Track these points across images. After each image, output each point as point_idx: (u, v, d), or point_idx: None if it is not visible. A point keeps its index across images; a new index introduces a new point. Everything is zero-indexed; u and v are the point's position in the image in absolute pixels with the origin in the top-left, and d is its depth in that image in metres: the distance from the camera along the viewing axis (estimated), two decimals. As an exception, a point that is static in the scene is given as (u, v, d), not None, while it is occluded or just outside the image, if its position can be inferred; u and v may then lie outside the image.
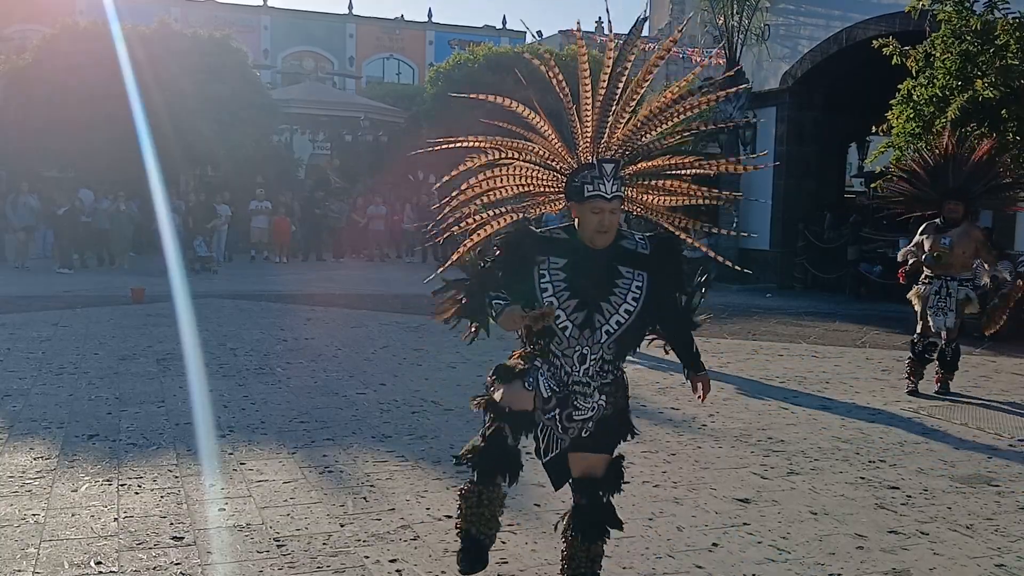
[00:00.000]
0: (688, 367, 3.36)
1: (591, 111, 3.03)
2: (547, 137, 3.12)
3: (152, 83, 18.70)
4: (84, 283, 15.11)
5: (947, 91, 10.21)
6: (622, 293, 3.06)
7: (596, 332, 3.04)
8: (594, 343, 3.04)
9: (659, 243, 3.19)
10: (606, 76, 3.02)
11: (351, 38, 39.75)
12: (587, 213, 3.01)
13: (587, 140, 3.06)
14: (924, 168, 7.86)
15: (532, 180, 3.20)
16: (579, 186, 3.02)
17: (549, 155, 3.13)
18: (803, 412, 6.95)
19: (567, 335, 3.04)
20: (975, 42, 10.14)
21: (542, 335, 3.07)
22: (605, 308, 3.04)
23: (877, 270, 15.53)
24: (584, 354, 3.06)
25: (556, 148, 3.11)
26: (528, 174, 3.19)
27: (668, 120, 3.09)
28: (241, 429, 5.99)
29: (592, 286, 3.04)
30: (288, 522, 4.28)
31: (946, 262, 7.56)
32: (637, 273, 3.09)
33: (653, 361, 9.06)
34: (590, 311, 3.03)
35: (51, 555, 3.83)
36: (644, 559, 3.95)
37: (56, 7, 28.47)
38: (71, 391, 7.01)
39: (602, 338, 3.04)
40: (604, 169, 3.00)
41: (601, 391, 3.14)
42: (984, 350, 10.13)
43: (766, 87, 17.81)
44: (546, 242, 3.10)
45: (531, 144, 3.15)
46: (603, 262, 3.06)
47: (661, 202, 3.27)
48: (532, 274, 3.04)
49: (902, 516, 4.59)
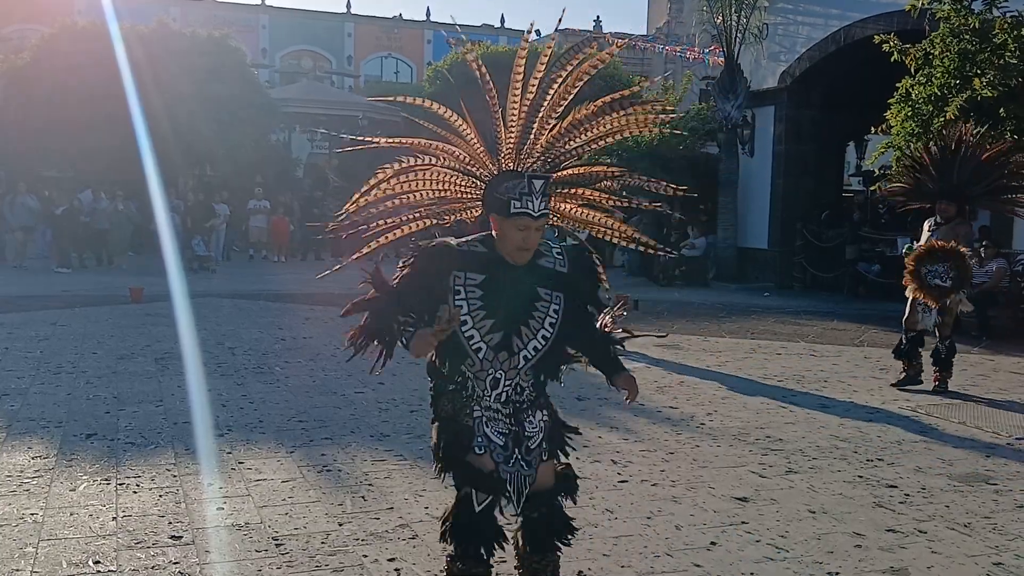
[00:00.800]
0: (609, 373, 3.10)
1: (517, 116, 2.86)
2: (468, 140, 2.92)
3: (151, 83, 18.70)
4: (83, 283, 15.11)
5: (945, 90, 10.22)
6: (540, 317, 2.88)
7: (514, 357, 2.86)
8: (510, 368, 2.86)
9: (576, 259, 3.00)
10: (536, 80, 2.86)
11: (349, 37, 39.74)
12: (511, 229, 2.80)
13: (511, 146, 2.90)
14: (932, 160, 7.87)
15: (450, 185, 2.99)
16: (504, 200, 2.79)
17: (469, 159, 2.94)
18: (801, 411, 6.95)
19: (480, 357, 2.83)
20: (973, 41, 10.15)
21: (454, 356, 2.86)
22: (524, 332, 2.86)
23: (875, 269, 15.55)
24: (497, 379, 2.87)
25: (477, 152, 2.92)
26: (446, 179, 2.98)
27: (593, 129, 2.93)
28: (239, 428, 5.98)
29: (510, 307, 2.85)
30: (286, 521, 4.28)
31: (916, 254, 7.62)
32: (555, 295, 2.91)
33: (652, 360, 9.07)
34: (507, 333, 2.84)
35: (49, 554, 3.83)
36: (642, 557, 3.95)
37: (55, 7, 28.42)
38: (69, 390, 7.01)
39: (520, 363, 2.87)
40: (534, 185, 2.79)
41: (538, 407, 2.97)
42: (982, 348, 10.14)
43: (764, 86, 17.83)
44: (463, 255, 2.86)
45: (451, 147, 2.95)
46: (522, 282, 2.87)
47: (580, 212, 3.10)
48: (446, 289, 2.82)
49: (900, 515, 4.59)
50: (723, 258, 17.84)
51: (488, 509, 2.95)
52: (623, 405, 3.29)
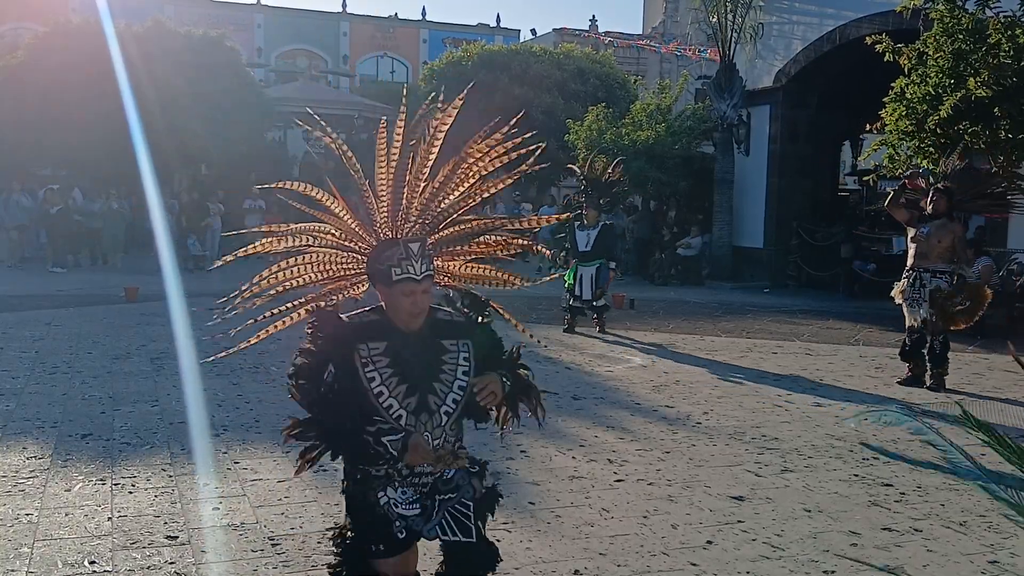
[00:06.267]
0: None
1: (386, 184, 2.79)
2: (340, 216, 2.84)
3: (145, 82, 18.63)
4: (77, 282, 15.07)
5: (940, 89, 10.23)
6: (451, 369, 2.80)
7: (434, 415, 2.75)
8: (434, 427, 2.74)
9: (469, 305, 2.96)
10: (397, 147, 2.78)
11: (345, 36, 39.68)
12: (398, 297, 2.74)
13: (384, 215, 2.81)
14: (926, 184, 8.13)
15: (332, 264, 2.90)
16: (385, 269, 2.74)
17: (345, 235, 2.86)
18: (797, 410, 6.96)
19: (402, 423, 2.71)
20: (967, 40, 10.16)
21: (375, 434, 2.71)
22: (438, 388, 2.77)
23: (871, 268, 15.58)
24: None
25: (351, 227, 2.84)
26: (326, 258, 2.89)
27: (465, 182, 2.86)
28: (235, 428, 5.98)
29: (419, 367, 2.76)
30: (282, 521, 4.28)
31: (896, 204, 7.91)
32: (461, 343, 2.84)
33: (647, 360, 9.08)
34: (422, 394, 2.75)
35: (45, 555, 3.82)
36: (639, 556, 3.95)
37: (49, 5, 28.32)
38: (64, 390, 6.99)
39: (442, 420, 2.75)
40: (411, 249, 2.75)
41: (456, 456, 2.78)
42: (977, 347, 10.16)
43: (760, 85, 17.84)
44: (360, 328, 2.79)
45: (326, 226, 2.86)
46: (424, 339, 2.80)
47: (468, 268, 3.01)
48: (355, 366, 2.72)
49: (896, 513, 4.60)
50: (718, 257, 17.86)
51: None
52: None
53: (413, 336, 2.78)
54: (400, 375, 2.75)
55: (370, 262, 2.84)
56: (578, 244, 10.69)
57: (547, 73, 23.12)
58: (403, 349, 2.77)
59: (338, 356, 2.75)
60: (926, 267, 7.75)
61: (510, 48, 26.87)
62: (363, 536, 2.80)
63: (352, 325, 2.80)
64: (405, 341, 2.78)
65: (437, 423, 2.75)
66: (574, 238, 10.76)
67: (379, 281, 2.80)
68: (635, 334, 10.71)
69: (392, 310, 2.79)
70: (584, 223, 10.75)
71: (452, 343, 2.84)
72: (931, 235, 7.73)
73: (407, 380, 2.75)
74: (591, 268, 10.62)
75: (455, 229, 2.93)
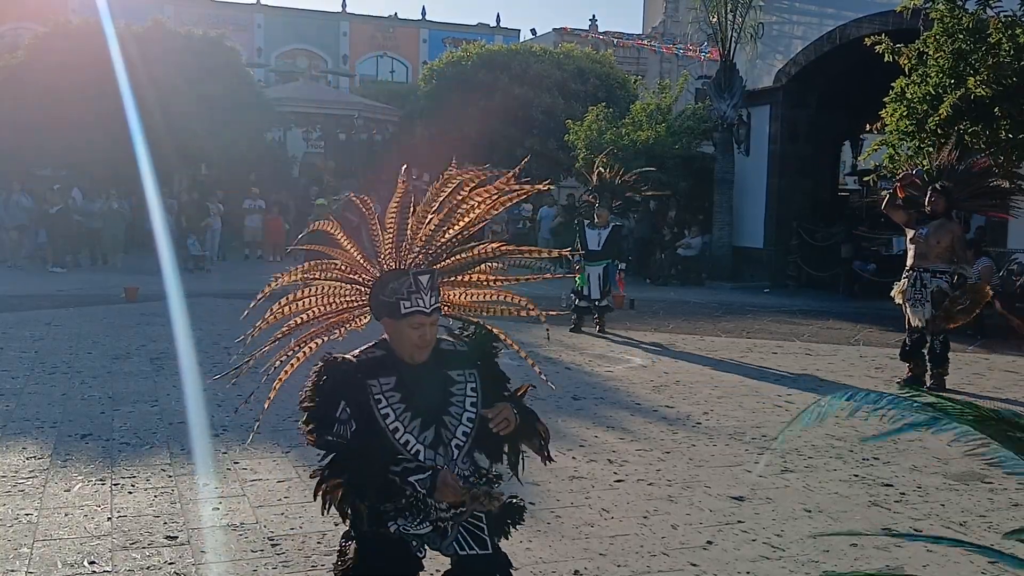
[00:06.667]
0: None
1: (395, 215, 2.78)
2: (345, 248, 2.83)
3: (145, 82, 18.63)
4: (77, 282, 15.07)
5: (940, 89, 10.24)
6: (459, 401, 2.76)
7: (447, 448, 2.70)
8: (448, 461, 2.69)
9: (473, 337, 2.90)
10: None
11: (344, 36, 39.69)
12: (406, 329, 2.69)
13: (389, 247, 2.78)
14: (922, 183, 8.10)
15: (335, 297, 2.87)
16: (393, 302, 2.69)
17: (349, 268, 2.84)
18: (797, 410, 6.94)
19: (421, 459, 2.65)
20: (968, 40, 10.16)
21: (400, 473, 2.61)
22: (448, 421, 2.73)
23: (871, 268, 15.58)
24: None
25: (356, 259, 2.83)
26: (330, 291, 2.87)
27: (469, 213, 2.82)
28: (235, 428, 5.97)
29: (429, 399, 2.72)
30: (282, 521, 4.28)
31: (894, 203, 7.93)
32: (468, 373, 2.80)
33: (648, 360, 9.08)
34: (437, 427, 2.70)
35: (44, 555, 3.82)
36: (639, 557, 3.95)
37: (49, 6, 28.32)
38: (64, 390, 6.99)
39: (453, 454, 2.70)
40: (420, 282, 2.69)
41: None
42: (977, 347, 10.16)
43: (760, 85, 17.84)
44: (367, 364, 2.74)
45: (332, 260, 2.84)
46: (431, 371, 2.75)
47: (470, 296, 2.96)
48: (370, 406, 2.67)
49: (896, 513, 4.60)
50: (718, 257, 17.85)
51: None
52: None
53: (420, 368, 2.73)
54: (412, 409, 2.70)
55: (374, 294, 2.79)
56: (588, 243, 10.80)
57: (547, 73, 23.11)
58: (412, 382, 2.71)
59: (352, 396, 2.68)
60: (926, 267, 7.75)
61: (510, 48, 26.86)
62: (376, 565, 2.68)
63: (360, 362, 2.74)
64: (413, 374, 2.72)
65: (449, 457, 2.69)
66: (584, 237, 10.85)
67: (384, 314, 2.74)
68: (635, 334, 10.71)
69: (398, 343, 2.73)
70: (595, 222, 10.90)
71: (459, 373, 2.79)
72: (930, 236, 7.73)
73: (420, 414, 2.70)
74: (598, 267, 10.73)
75: (457, 258, 2.88)
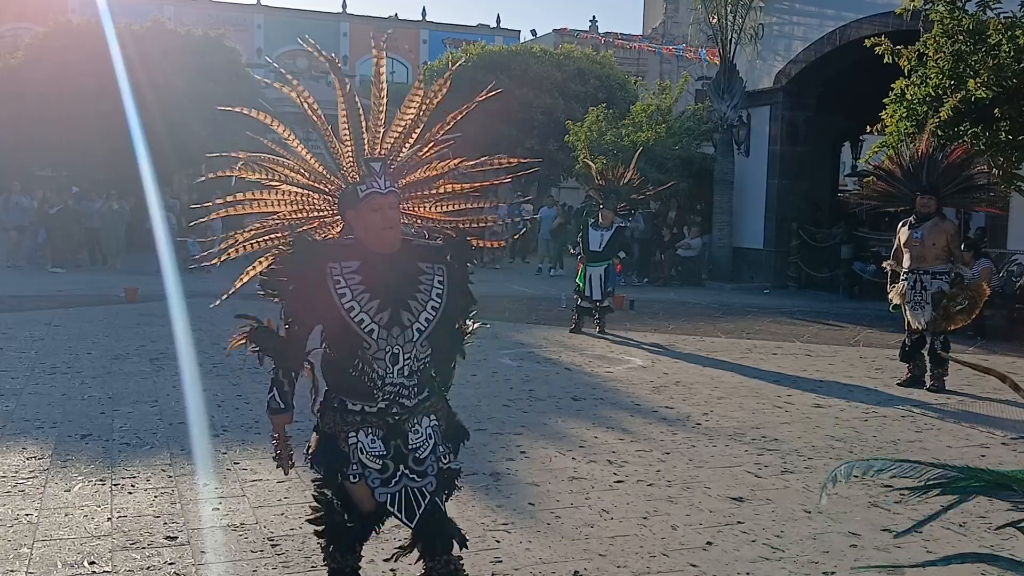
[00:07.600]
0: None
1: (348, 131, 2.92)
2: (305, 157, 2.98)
3: (145, 82, 18.63)
4: (77, 282, 15.07)
5: (940, 90, 10.23)
6: (426, 289, 2.91)
7: (407, 330, 2.84)
8: (406, 341, 2.84)
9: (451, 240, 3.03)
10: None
11: (344, 37, 39.71)
12: (368, 214, 2.84)
13: (349, 159, 2.92)
14: (900, 167, 8.04)
15: (303, 203, 3.01)
16: (351, 190, 2.88)
17: (312, 176, 2.98)
18: (797, 411, 6.96)
19: (375, 337, 2.81)
20: (967, 42, 10.16)
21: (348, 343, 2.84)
22: (413, 305, 2.87)
23: (871, 269, 15.58)
24: (396, 353, 2.84)
25: (316, 169, 2.96)
26: (298, 198, 3.01)
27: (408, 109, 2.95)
28: (235, 429, 5.97)
29: (394, 284, 2.86)
30: (282, 521, 4.28)
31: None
32: (436, 267, 2.95)
33: (648, 360, 9.08)
34: (395, 309, 2.84)
35: (44, 555, 3.82)
36: (638, 557, 3.95)
37: (49, 5, 28.33)
38: (64, 391, 6.99)
39: (414, 336, 2.85)
40: (372, 167, 2.88)
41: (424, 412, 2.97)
42: (977, 348, 10.17)
43: (760, 86, 17.85)
44: (333, 247, 2.92)
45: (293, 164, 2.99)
46: (400, 260, 2.90)
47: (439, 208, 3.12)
48: (327, 285, 2.82)
49: (895, 514, 4.60)
50: (718, 258, 17.86)
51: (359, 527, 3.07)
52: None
53: (388, 256, 2.89)
54: (372, 291, 2.86)
55: (340, 203, 2.97)
56: (591, 243, 10.77)
57: (547, 74, 23.10)
58: (377, 268, 2.87)
59: (309, 270, 2.86)
60: (924, 269, 7.77)
61: (510, 49, 26.86)
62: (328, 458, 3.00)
63: (326, 244, 2.96)
64: (379, 260, 2.88)
65: (409, 338, 2.86)
66: (587, 237, 10.84)
67: (349, 206, 2.92)
68: (635, 335, 10.72)
69: (364, 231, 2.89)
70: (599, 223, 10.87)
71: (428, 265, 2.96)
72: (924, 238, 7.75)
73: (379, 296, 2.85)
74: (600, 268, 10.73)
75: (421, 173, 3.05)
